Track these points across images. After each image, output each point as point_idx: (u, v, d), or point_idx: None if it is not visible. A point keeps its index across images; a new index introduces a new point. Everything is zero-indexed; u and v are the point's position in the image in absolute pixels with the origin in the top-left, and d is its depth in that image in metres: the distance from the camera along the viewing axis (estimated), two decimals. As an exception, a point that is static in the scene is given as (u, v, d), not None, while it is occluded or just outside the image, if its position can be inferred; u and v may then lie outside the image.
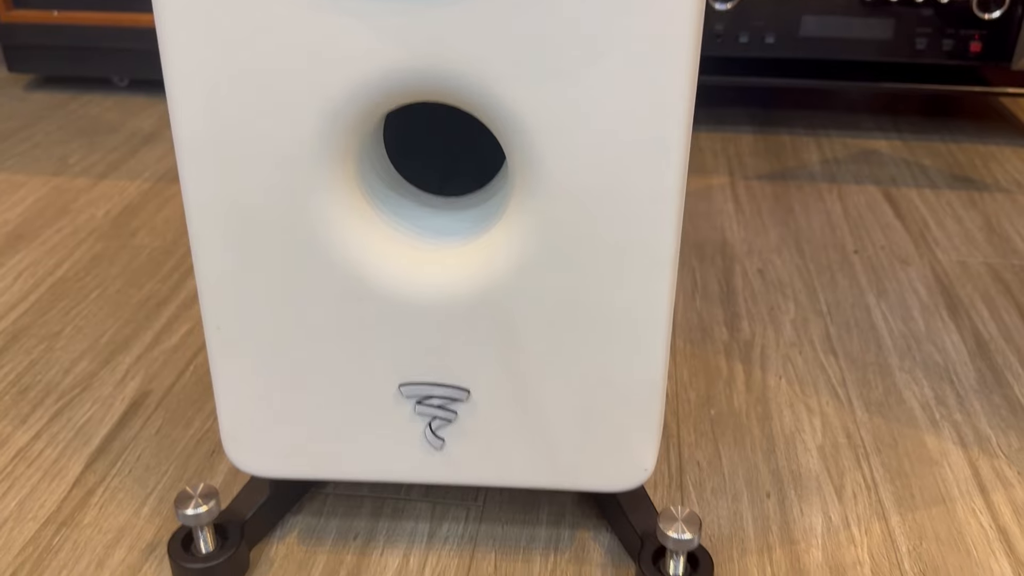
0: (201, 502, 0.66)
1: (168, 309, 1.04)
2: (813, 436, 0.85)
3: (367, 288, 0.60)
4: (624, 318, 0.59)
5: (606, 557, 0.72)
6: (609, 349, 0.60)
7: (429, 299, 0.60)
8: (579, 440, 0.64)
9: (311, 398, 0.64)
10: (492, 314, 0.60)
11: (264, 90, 0.53)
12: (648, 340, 0.60)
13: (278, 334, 0.62)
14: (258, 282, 0.60)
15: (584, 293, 0.58)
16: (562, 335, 0.60)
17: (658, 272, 0.58)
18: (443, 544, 0.73)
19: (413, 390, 0.63)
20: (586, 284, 0.58)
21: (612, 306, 0.59)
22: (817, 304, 1.05)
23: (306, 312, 0.61)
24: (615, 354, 0.60)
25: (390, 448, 0.66)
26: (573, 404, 0.63)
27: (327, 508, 0.76)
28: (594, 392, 0.62)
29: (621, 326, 0.59)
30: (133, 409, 0.88)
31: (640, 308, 0.59)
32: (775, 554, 0.72)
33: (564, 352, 0.61)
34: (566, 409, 0.63)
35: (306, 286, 0.60)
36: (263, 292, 0.60)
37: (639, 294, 0.58)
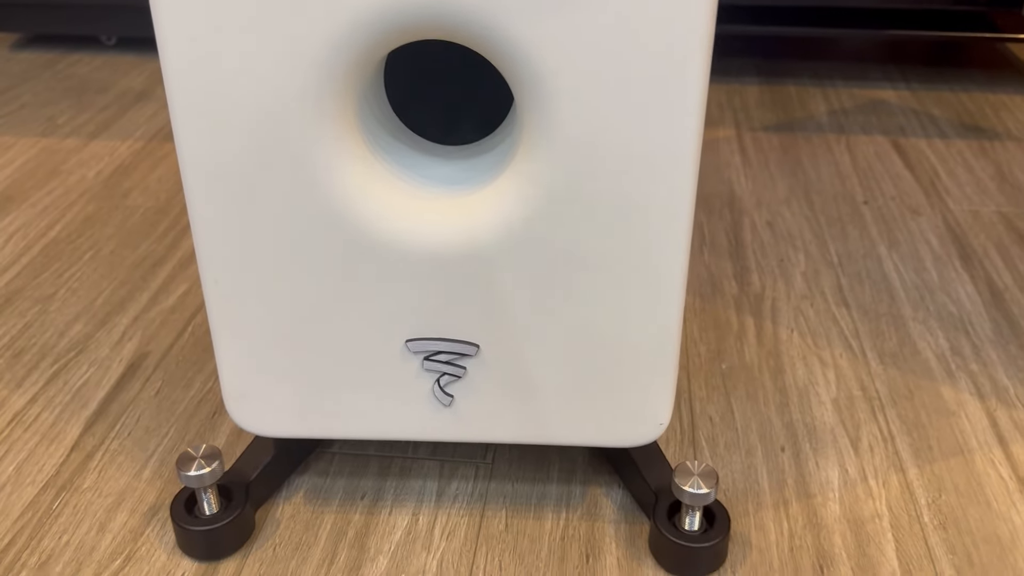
0: (204, 463, 0.64)
1: (164, 269, 1.01)
2: (827, 389, 0.83)
3: (370, 239, 0.57)
4: (639, 270, 0.57)
5: (619, 513, 0.70)
6: (624, 301, 0.58)
7: (436, 250, 0.58)
8: (593, 394, 0.62)
9: (315, 355, 0.62)
10: (502, 266, 0.58)
11: (259, 30, 0.51)
12: (664, 292, 0.57)
13: (279, 288, 0.59)
14: (256, 233, 0.57)
15: (598, 244, 0.56)
16: (574, 287, 0.58)
17: (675, 222, 0.55)
18: (452, 502, 0.71)
19: (420, 345, 0.61)
20: (600, 235, 0.56)
21: (627, 257, 0.56)
22: (828, 256, 1.02)
23: (307, 265, 0.58)
24: (630, 306, 0.58)
25: (397, 405, 0.64)
26: (586, 358, 0.60)
27: (333, 468, 0.75)
28: (608, 345, 0.60)
29: (636, 278, 0.57)
30: (131, 371, 0.85)
31: (656, 259, 0.56)
32: (791, 508, 0.71)
33: (576, 305, 0.58)
34: (579, 363, 0.61)
35: (307, 238, 0.57)
36: (262, 243, 0.58)
37: (655, 245, 0.56)
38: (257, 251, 0.58)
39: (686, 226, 0.56)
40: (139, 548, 0.67)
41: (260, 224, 0.57)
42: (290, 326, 0.61)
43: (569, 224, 0.56)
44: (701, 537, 0.64)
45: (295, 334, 0.61)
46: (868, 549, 0.67)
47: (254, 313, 0.60)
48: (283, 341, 0.61)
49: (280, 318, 0.60)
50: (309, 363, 0.62)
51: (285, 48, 0.51)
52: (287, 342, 0.61)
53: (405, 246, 0.58)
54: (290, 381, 0.63)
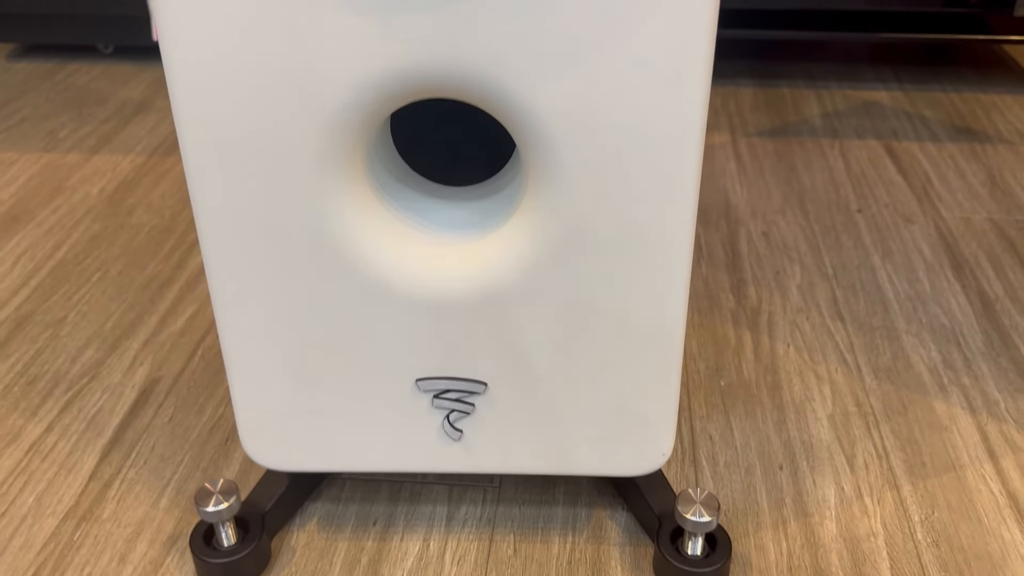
0: (222, 498, 0.66)
1: (172, 290, 1.03)
2: (823, 405, 0.85)
3: (381, 286, 0.59)
4: (642, 309, 0.59)
5: (623, 536, 0.72)
6: (627, 339, 0.60)
7: (445, 295, 0.59)
8: (597, 428, 0.64)
9: (328, 394, 0.64)
10: (509, 308, 0.59)
11: (272, 87, 0.52)
12: (666, 330, 0.59)
13: (293, 331, 0.61)
14: (271, 283, 0.59)
15: (602, 284, 0.58)
16: (580, 326, 0.60)
17: (676, 258, 0.57)
18: (462, 527, 0.74)
19: (430, 384, 0.63)
20: (604, 275, 0.58)
21: (630, 296, 0.58)
22: (823, 267, 1.05)
23: (320, 310, 0.60)
24: (633, 344, 0.60)
25: (408, 440, 0.66)
26: (591, 394, 0.63)
27: (345, 494, 0.77)
28: (612, 382, 0.62)
29: (639, 317, 0.59)
30: (144, 397, 0.87)
31: (658, 298, 0.58)
32: (790, 528, 0.73)
33: (582, 343, 0.60)
34: (584, 399, 0.63)
35: (319, 284, 0.59)
36: (277, 292, 0.60)
37: (658, 284, 0.58)
38: (271, 297, 0.60)
39: (686, 261, 0.58)
40: (160, 578, 0.70)
41: (273, 272, 0.59)
42: (304, 367, 0.63)
43: (575, 266, 0.58)
44: (704, 561, 0.66)
45: (309, 375, 0.63)
46: (864, 568, 0.70)
47: (269, 355, 0.62)
48: (297, 381, 0.63)
49: (294, 360, 0.62)
50: (323, 402, 0.64)
51: (298, 104, 0.53)
52: (301, 382, 0.63)
53: (415, 292, 0.59)
54: (304, 419, 0.65)
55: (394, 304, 0.60)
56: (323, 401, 0.64)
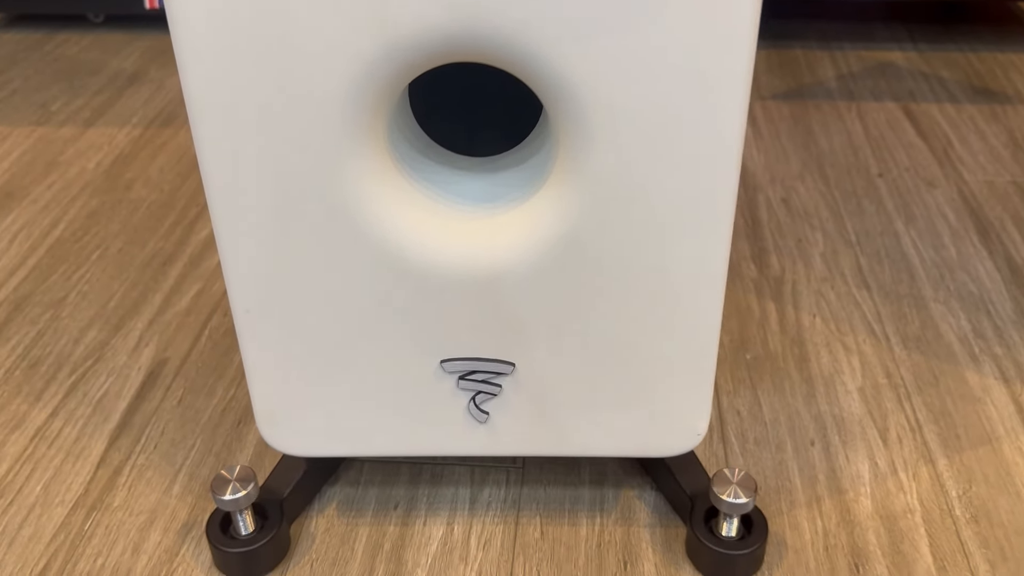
0: (240, 486, 0.64)
1: (175, 268, 1.00)
2: (853, 377, 0.83)
3: (403, 263, 0.56)
4: (681, 281, 0.56)
5: (653, 517, 0.70)
6: (664, 314, 0.57)
7: (470, 271, 0.56)
8: (629, 408, 0.61)
9: (348, 377, 0.61)
10: (539, 283, 0.57)
11: (289, 47, 0.49)
12: (704, 303, 0.57)
13: (311, 313, 0.58)
14: (288, 261, 0.56)
15: (638, 256, 0.55)
16: (614, 302, 0.57)
17: (716, 227, 0.54)
18: (486, 510, 0.71)
19: (455, 366, 0.60)
20: (640, 247, 0.55)
21: (668, 269, 0.56)
22: (845, 234, 1.02)
23: (340, 289, 0.57)
24: (670, 319, 0.57)
25: (432, 423, 0.63)
26: (624, 372, 0.60)
27: (364, 476, 0.74)
28: (647, 359, 0.59)
29: (677, 292, 0.56)
30: (151, 380, 0.85)
31: (697, 269, 0.55)
32: (824, 505, 0.71)
33: (616, 319, 0.58)
34: (616, 377, 0.60)
35: (339, 262, 0.56)
36: (294, 271, 0.56)
37: (696, 253, 0.55)
38: (288, 279, 0.57)
39: (727, 231, 0.55)
40: (176, 568, 0.67)
41: (291, 252, 0.56)
42: (323, 350, 0.60)
43: (608, 239, 0.55)
44: (739, 543, 0.64)
45: (328, 358, 0.60)
46: (902, 546, 0.68)
47: (286, 339, 0.59)
48: (316, 365, 0.60)
49: (313, 343, 0.59)
50: (343, 385, 0.61)
51: (318, 69, 0.49)
52: (321, 366, 0.60)
53: (439, 268, 0.56)
54: (324, 403, 0.62)
55: (416, 281, 0.57)
56: (343, 386, 0.61)
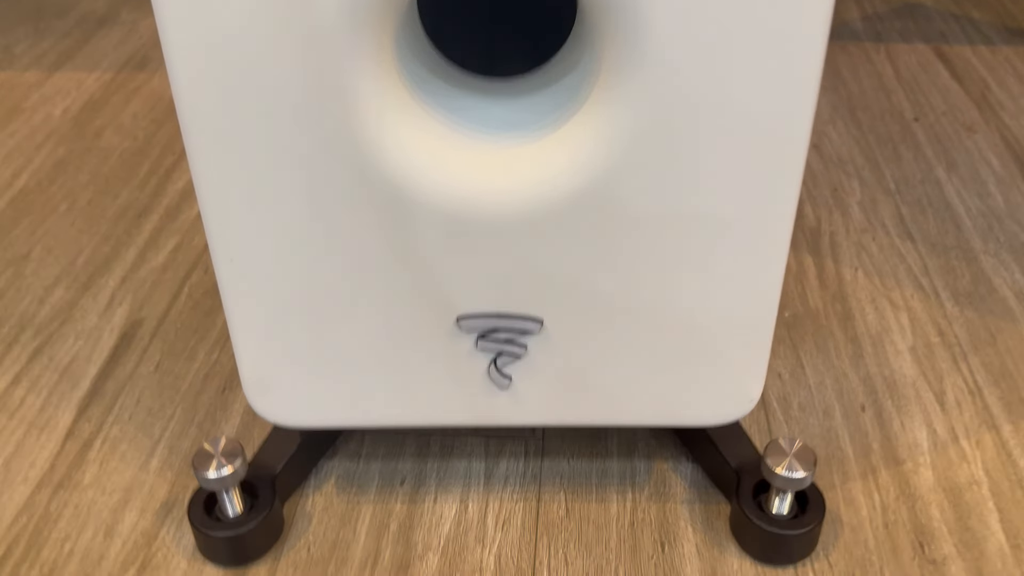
0: (225, 462, 0.56)
1: (150, 221, 0.91)
2: (902, 336, 0.75)
3: (414, 201, 0.48)
4: (743, 223, 0.48)
5: (691, 492, 0.63)
6: (722, 258, 0.49)
7: (493, 211, 0.48)
8: (675, 371, 0.53)
9: (348, 337, 0.53)
10: (575, 226, 0.48)
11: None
12: (769, 249, 0.49)
13: (306, 262, 0.50)
14: (279, 201, 0.48)
15: (693, 195, 0.47)
16: (662, 248, 0.49)
17: (791, 154, 0.46)
18: (503, 485, 0.64)
19: (474, 323, 0.52)
20: (696, 183, 0.46)
21: (729, 209, 0.47)
22: (884, 181, 0.94)
23: (339, 233, 0.49)
24: (729, 269, 0.49)
25: (445, 390, 0.55)
26: (670, 331, 0.52)
27: (366, 449, 0.66)
28: (698, 316, 0.51)
29: (739, 233, 0.48)
30: (124, 342, 0.76)
31: (766, 205, 0.47)
32: (881, 477, 0.64)
33: (665, 267, 0.49)
34: (663, 336, 0.52)
35: (338, 201, 0.48)
36: (286, 213, 0.48)
37: (763, 190, 0.47)
38: (279, 222, 0.48)
39: (799, 169, 0.47)
40: (154, 554, 0.59)
41: (282, 191, 0.47)
42: (320, 306, 0.51)
43: (658, 174, 0.46)
44: (794, 522, 0.57)
45: (326, 315, 0.52)
46: (970, 521, 0.61)
47: (277, 294, 0.51)
48: (313, 323, 0.52)
49: (308, 298, 0.51)
50: (342, 346, 0.53)
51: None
52: (317, 324, 0.52)
53: (456, 208, 0.48)
54: (321, 367, 0.54)
55: (429, 224, 0.48)
56: (342, 344, 0.53)
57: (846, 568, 0.58)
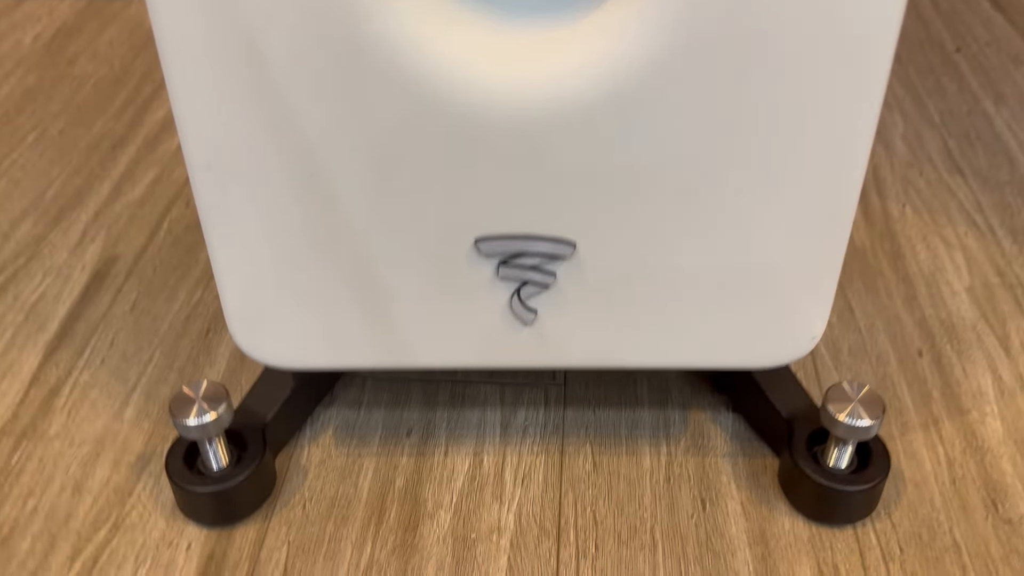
0: (208, 407, 0.48)
1: (126, 152, 0.83)
2: (958, 276, 0.68)
3: (423, 97, 0.40)
4: (819, 130, 0.40)
5: (733, 444, 0.56)
6: (790, 174, 0.42)
7: (518, 109, 0.40)
8: (727, 303, 0.46)
9: (349, 262, 0.45)
10: (614, 132, 0.41)
11: None
12: (846, 161, 0.41)
13: (298, 171, 0.42)
14: (266, 91, 0.40)
15: (759, 100, 0.39)
16: (721, 159, 0.41)
17: (877, 57, 0.38)
18: (522, 437, 0.57)
19: (495, 246, 0.45)
20: (764, 86, 0.39)
21: (802, 119, 0.40)
22: (927, 114, 0.86)
23: (338, 137, 0.41)
24: (798, 182, 0.42)
25: (460, 326, 0.48)
26: (725, 255, 0.45)
27: (367, 396, 0.59)
28: (758, 237, 0.44)
29: (812, 141, 0.41)
30: (97, 280, 0.69)
31: (843, 114, 0.40)
32: (944, 429, 0.57)
33: (722, 181, 0.42)
34: (715, 265, 0.45)
35: (338, 99, 0.40)
36: (274, 107, 0.40)
37: (848, 94, 0.39)
38: (267, 119, 0.40)
39: (885, 73, 0.39)
40: (129, 512, 0.52)
41: (271, 78, 0.39)
42: (315, 224, 0.44)
43: (717, 70, 0.39)
44: (854, 477, 0.50)
45: (321, 236, 0.44)
46: (1045, 477, 0.54)
47: (264, 208, 0.43)
48: (306, 245, 0.45)
49: (301, 214, 0.43)
50: (342, 273, 0.46)
51: None
52: (312, 246, 0.45)
53: (474, 105, 0.40)
54: (315, 299, 0.47)
55: (442, 125, 0.41)
56: (343, 273, 0.46)
57: (911, 528, 0.51)
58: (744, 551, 0.50)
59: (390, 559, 0.50)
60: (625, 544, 0.51)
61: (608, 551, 0.50)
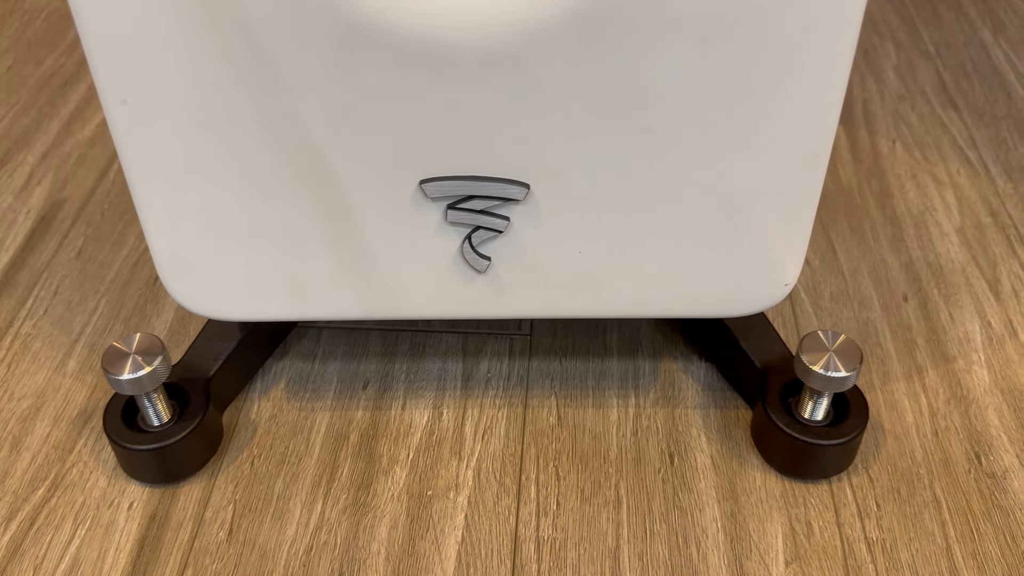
0: (142, 361, 0.45)
1: (77, 90, 0.78)
2: (948, 216, 0.65)
3: (365, 16, 0.36)
4: (792, 61, 0.37)
5: (704, 395, 0.53)
6: (760, 113, 0.38)
7: (466, 29, 0.37)
8: (696, 250, 0.43)
9: (287, 203, 0.42)
10: (572, 55, 0.37)
11: None
12: (823, 96, 0.38)
13: (227, 102, 0.38)
14: (185, 10, 0.36)
15: (733, 20, 0.36)
16: (684, 89, 0.38)
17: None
18: (484, 390, 0.54)
19: (442, 187, 0.41)
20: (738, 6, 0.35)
21: (776, 40, 0.36)
22: (922, 44, 0.82)
23: (267, 63, 0.37)
24: (769, 120, 0.38)
25: (407, 273, 0.45)
26: (694, 199, 0.41)
27: (322, 348, 0.56)
28: (726, 179, 0.40)
29: (785, 74, 0.37)
30: (42, 226, 0.65)
31: (819, 38, 0.36)
32: (928, 378, 0.54)
33: (684, 117, 0.38)
34: (682, 207, 0.41)
35: (270, 27, 0.36)
36: (196, 29, 0.36)
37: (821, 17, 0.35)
38: (190, 43, 0.36)
39: None
40: (69, 470, 0.50)
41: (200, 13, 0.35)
42: (247, 162, 0.40)
43: (677, -13, 0.35)
44: (830, 430, 0.47)
45: (256, 173, 0.41)
46: (1032, 428, 0.52)
47: (190, 144, 0.40)
48: (237, 186, 0.41)
49: (231, 150, 0.40)
50: (279, 216, 0.42)
51: None
52: (245, 186, 0.41)
53: (417, 25, 0.36)
54: (254, 244, 0.43)
55: (385, 55, 0.37)
56: (280, 216, 0.42)
57: (889, 483, 0.49)
58: (713, 507, 0.48)
59: (341, 518, 0.48)
60: (588, 501, 0.48)
61: (570, 508, 0.48)
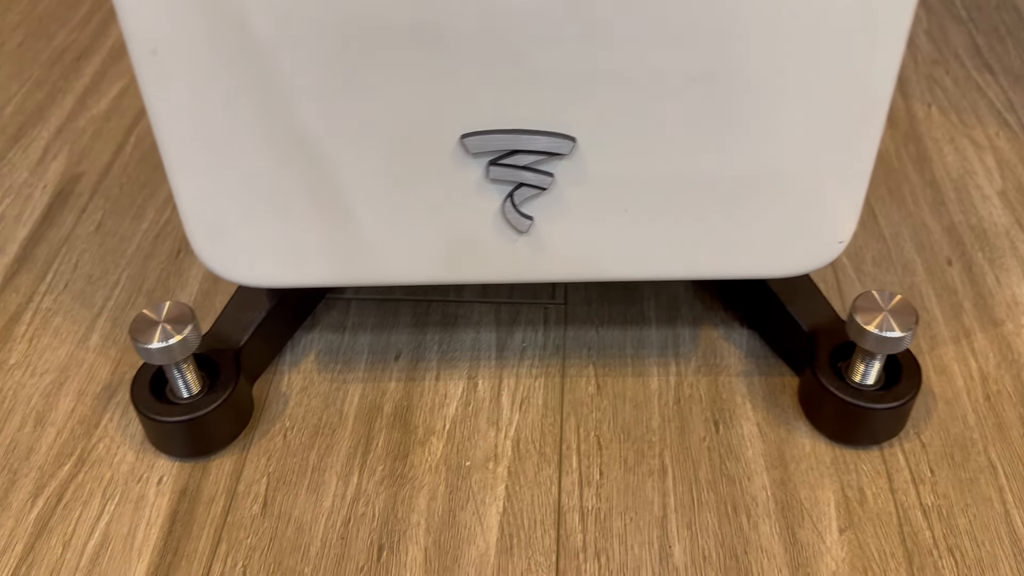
0: (171, 329, 0.44)
1: (91, 64, 0.77)
2: (989, 179, 0.63)
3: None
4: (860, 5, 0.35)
5: (748, 363, 0.52)
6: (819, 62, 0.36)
7: (509, -18, 0.35)
8: (748, 207, 0.41)
9: (321, 164, 0.40)
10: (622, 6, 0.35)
11: None
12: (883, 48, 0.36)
13: (260, 59, 0.37)
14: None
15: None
16: (742, 48, 0.36)
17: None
18: (520, 359, 0.52)
19: (483, 142, 0.40)
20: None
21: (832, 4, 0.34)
22: (953, 8, 0.80)
23: (304, 21, 0.36)
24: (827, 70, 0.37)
25: (447, 235, 0.43)
26: (744, 151, 0.40)
27: (351, 319, 0.55)
28: (783, 131, 0.39)
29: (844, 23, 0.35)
30: (60, 200, 0.64)
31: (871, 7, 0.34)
32: (977, 342, 0.53)
33: (742, 71, 0.37)
34: (731, 162, 0.40)
35: (296, -29, 0.35)
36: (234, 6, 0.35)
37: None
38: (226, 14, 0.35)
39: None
40: (95, 445, 0.48)
41: (216, -55, 0.34)
42: (281, 121, 0.39)
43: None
44: (883, 394, 0.46)
45: (290, 134, 0.39)
46: (1086, 392, 0.50)
47: (223, 103, 0.38)
48: (271, 145, 0.39)
49: (265, 110, 0.38)
50: (313, 177, 0.41)
51: None
52: (278, 147, 0.39)
53: (458, -22, 0.35)
54: (287, 206, 0.42)
55: (429, 4, 0.35)
56: (314, 177, 0.41)
57: (942, 448, 0.47)
58: (761, 475, 0.46)
59: (378, 490, 0.46)
60: (632, 470, 0.47)
61: (614, 477, 0.46)
